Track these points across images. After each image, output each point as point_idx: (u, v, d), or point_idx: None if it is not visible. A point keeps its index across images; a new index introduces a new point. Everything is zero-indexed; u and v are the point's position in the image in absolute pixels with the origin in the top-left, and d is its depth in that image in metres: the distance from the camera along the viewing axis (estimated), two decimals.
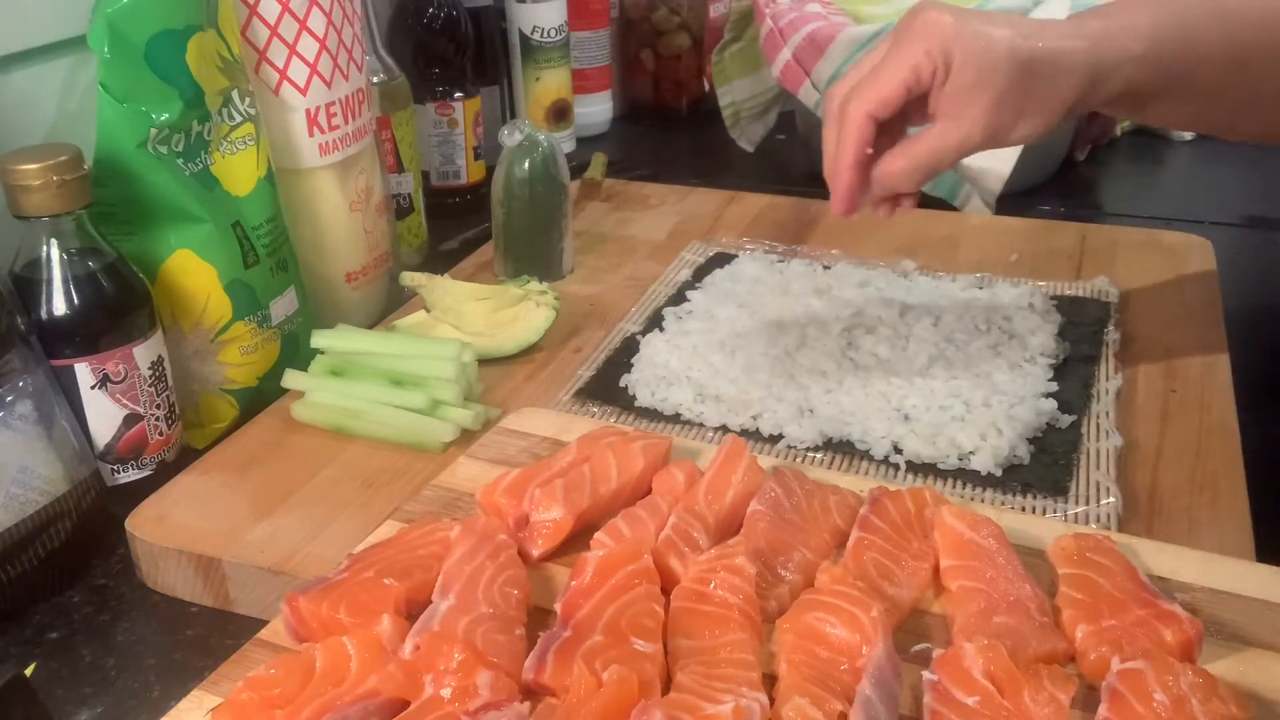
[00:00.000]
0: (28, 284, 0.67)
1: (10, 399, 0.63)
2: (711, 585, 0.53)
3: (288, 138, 0.84)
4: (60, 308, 0.67)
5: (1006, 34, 0.65)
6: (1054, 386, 0.77)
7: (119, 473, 0.71)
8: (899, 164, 0.67)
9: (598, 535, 0.57)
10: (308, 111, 0.84)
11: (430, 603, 0.53)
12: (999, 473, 0.69)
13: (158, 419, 0.72)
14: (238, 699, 0.47)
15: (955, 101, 0.65)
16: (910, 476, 0.70)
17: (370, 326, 0.91)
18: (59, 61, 0.80)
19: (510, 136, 0.93)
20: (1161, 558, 0.58)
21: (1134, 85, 0.67)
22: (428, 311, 0.87)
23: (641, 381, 0.80)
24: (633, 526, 0.58)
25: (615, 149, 1.36)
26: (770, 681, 0.49)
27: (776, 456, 0.72)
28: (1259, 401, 0.78)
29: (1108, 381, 0.78)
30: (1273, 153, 1.26)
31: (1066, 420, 0.74)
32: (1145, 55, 0.66)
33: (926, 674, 0.48)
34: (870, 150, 0.67)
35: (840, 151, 0.67)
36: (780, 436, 0.73)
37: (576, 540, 0.59)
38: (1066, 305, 0.88)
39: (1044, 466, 0.70)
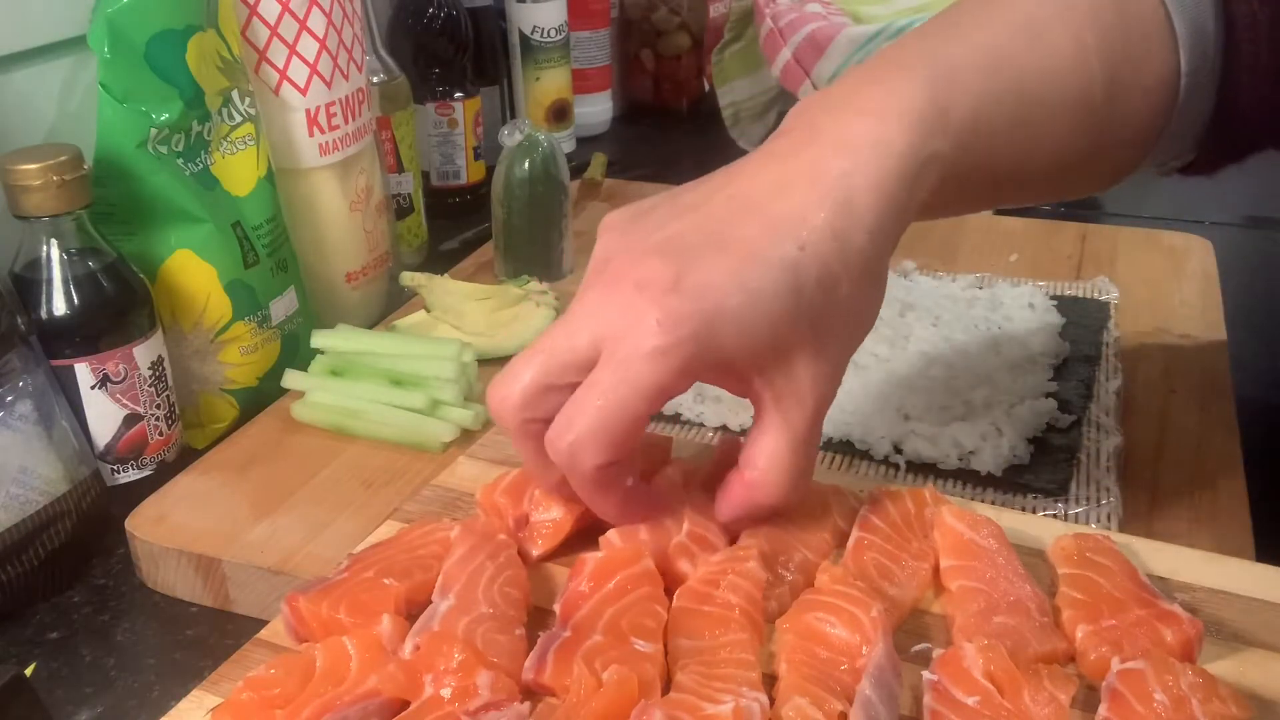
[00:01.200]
0: (28, 284, 0.67)
1: (10, 399, 0.63)
2: (720, 587, 0.53)
3: (288, 138, 0.84)
4: (60, 308, 0.67)
5: (764, 262, 0.45)
6: (1054, 386, 0.77)
7: (119, 473, 0.71)
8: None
9: (608, 535, 0.56)
10: (308, 111, 0.84)
11: (430, 603, 0.53)
12: (999, 473, 0.69)
13: (158, 419, 0.72)
14: (238, 699, 0.47)
15: (759, 394, 0.48)
16: (910, 476, 0.70)
17: (370, 326, 0.91)
18: (59, 61, 0.80)
19: (510, 136, 0.93)
20: (1161, 558, 0.58)
21: (944, 181, 0.50)
22: (428, 311, 0.87)
23: None
24: (651, 528, 0.57)
25: (615, 149, 1.36)
26: (770, 681, 0.49)
27: None
28: (1259, 401, 0.78)
29: (1108, 381, 0.78)
30: (1273, 153, 1.26)
31: (1066, 420, 0.73)
32: (945, 152, 0.49)
33: (926, 674, 0.48)
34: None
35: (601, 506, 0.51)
36: None
37: (576, 540, 0.59)
38: (1066, 305, 0.88)
39: (1044, 466, 0.70)
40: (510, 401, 0.48)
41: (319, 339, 0.79)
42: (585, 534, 0.60)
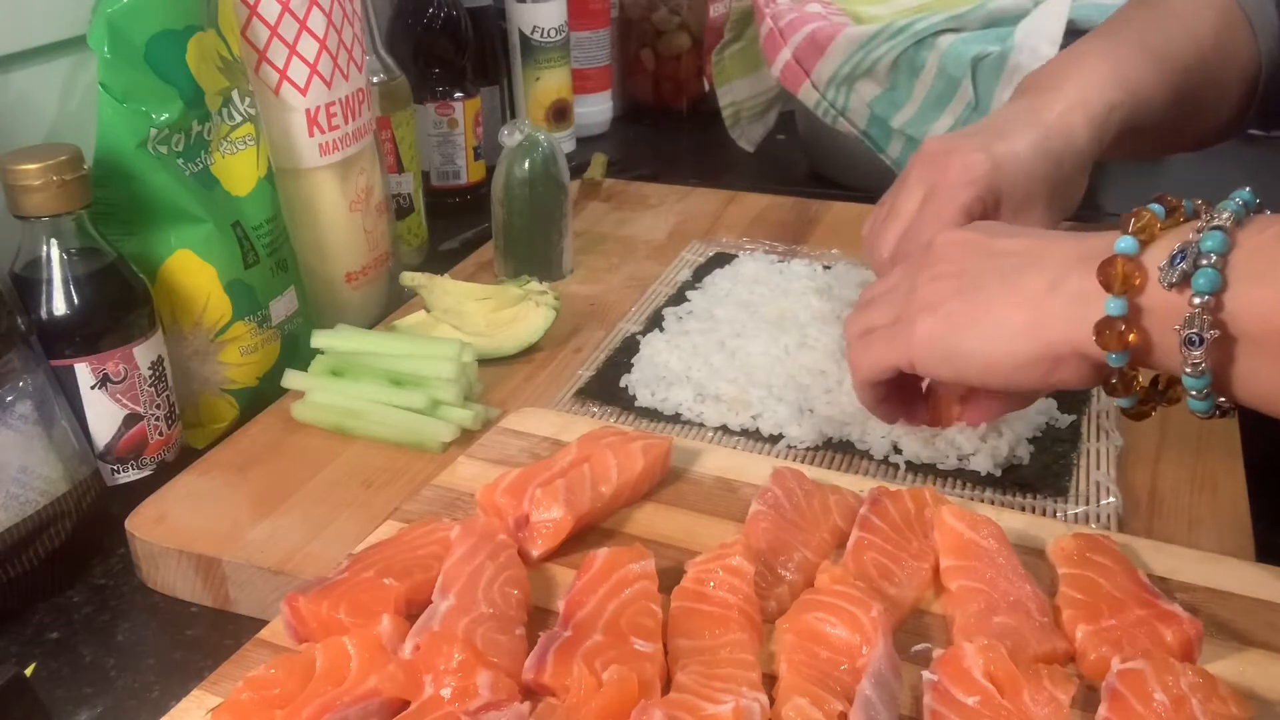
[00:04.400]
0: (28, 284, 0.67)
1: (10, 399, 0.63)
2: (710, 585, 0.53)
3: (288, 138, 0.84)
4: (60, 308, 0.67)
5: (1028, 139, 0.71)
6: None
7: (119, 473, 0.71)
8: None
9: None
10: (308, 111, 0.84)
11: (430, 603, 0.53)
12: (998, 473, 0.69)
13: (158, 419, 0.72)
14: (238, 699, 0.47)
15: (1015, 222, 0.71)
16: (910, 476, 0.70)
17: (370, 326, 0.91)
18: (59, 61, 0.80)
19: (510, 136, 0.93)
20: (1161, 558, 0.58)
21: (1121, 126, 0.75)
22: (428, 311, 0.87)
23: (641, 381, 0.80)
24: None
25: (615, 149, 1.36)
26: (770, 681, 0.49)
27: (776, 456, 0.72)
28: None
29: None
30: (1273, 152, 1.26)
31: (1066, 420, 0.74)
32: (1120, 102, 0.74)
33: (926, 674, 0.48)
34: None
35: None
36: (780, 436, 0.73)
37: (576, 540, 0.59)
38: None
39: (1044, 466, 0.70)
40: (877, 245, 0.74)
41: (319, 339, 0.79)
42: (585, 534, 0.60)
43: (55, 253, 0.67)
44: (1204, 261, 0.49)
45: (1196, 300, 0.49)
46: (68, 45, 0.79)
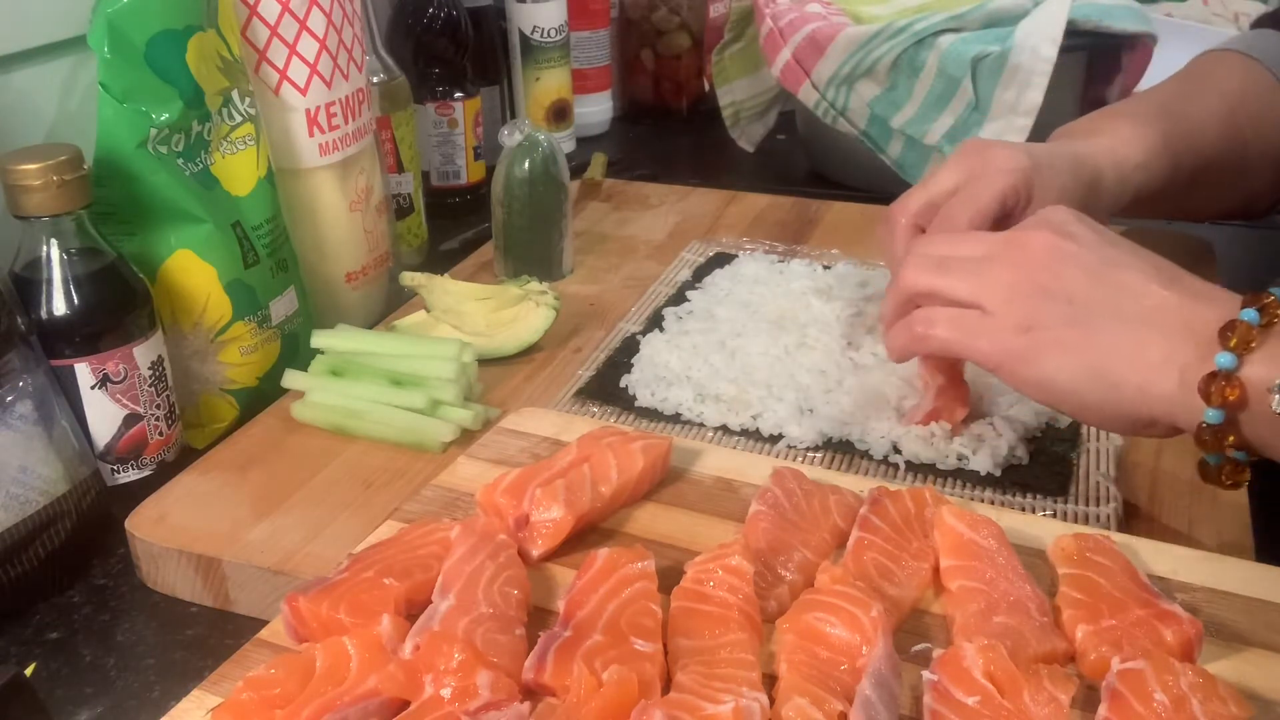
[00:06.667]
0: (28, 284, 0.67)
1: (10, 399, 0.63)
2: (710, 585, 0.53)
3: (288, 138, 0.84)
4: (60, 308, 0.67)
5: (1063, 157, 0.76)
6: None
7: (119, 473, 0.71)
8: None
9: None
10: (308, 111, 0.84)
11: (430, 603, 0.53)
12: (998, 473, 0.69)
13: (158, 419, 0.72)
14: (238, 699, 0.47)
15: None
16: (909, 476, 0.70)
17: (370, 326, 0.91)
18: (59, 61, 0.80)
19: (510, 136, 0.93)
20: (1161, 558, 0.58)
21: (1142, 188, 0.80)
22: (428, 311, 0.87)
23: (641, 381, 0.80)
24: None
25: (615, 149, 1.36)
26: (770, 681, 0.49)
27: (776, 456, 0.72)
28: None
29: None
30: None
31: (1066, 420, 0.73)
32: (1146, 163, 0.79)
33: (926, 674, 0.48)
34: None
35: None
36: (780, 436, 0.73)
37: (576, 540, 0.59)
38: None
39: (1044, 466, 0.70)
40: (903, 210, 0.75)
41: (319, 339, 0.79)
42: (585, 534, 0.60)
43: (55, 253, 0.67)
44: None
45: None
46: (68, 45, 0.79)
